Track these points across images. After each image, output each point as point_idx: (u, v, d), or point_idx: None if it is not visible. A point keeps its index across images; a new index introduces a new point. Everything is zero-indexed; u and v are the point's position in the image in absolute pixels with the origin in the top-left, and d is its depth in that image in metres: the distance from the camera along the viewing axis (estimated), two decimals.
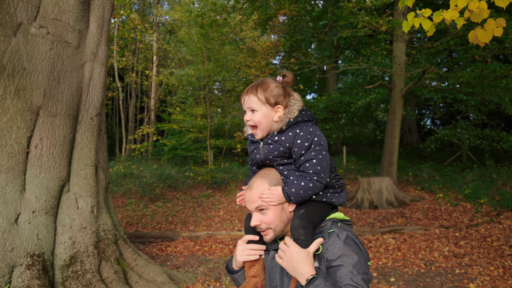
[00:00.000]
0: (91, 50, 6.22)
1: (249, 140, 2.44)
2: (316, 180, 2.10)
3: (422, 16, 3.35)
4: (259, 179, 2.19)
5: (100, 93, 6.32)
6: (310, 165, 2.11)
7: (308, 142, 2.13)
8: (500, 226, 10.07)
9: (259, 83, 2.28)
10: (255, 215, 2.17)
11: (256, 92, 2.23)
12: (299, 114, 2.24)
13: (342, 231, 2.11)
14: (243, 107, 2.28)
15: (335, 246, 2.02)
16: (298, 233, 2.06)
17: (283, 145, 2.17)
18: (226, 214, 12.18)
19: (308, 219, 2.13)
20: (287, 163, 2.21)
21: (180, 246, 9.17)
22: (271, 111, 2.24)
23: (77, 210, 5.76)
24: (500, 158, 18.17)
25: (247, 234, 2.34)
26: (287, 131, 2.19)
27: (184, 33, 20.20)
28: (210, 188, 15.20)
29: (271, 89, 2.24)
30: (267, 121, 2.24)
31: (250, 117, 2.26)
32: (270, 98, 2.22)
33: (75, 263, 5.49)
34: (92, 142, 6.12)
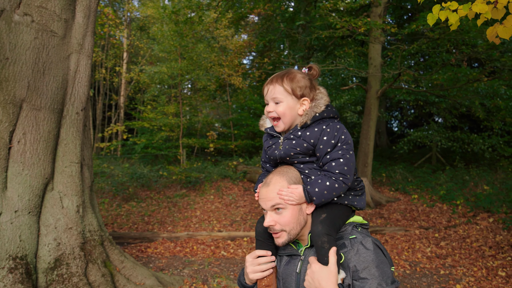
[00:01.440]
0: (77, 41, 5.91)
1: (266, 134, 2.26)
2: (341, 181, 1.94)
3: (448, 9, 3.24)
4: (277, 176, 2.03)
5: (86, 87, 6.01)
6: (337, 164, 1.96)
7: (335, 140, 1.99)
8: (477, 227, 10.20)
9: (284, 73, 2.12)
10: (270, 214, 2.00)
11: (282, 82, 2.07)
12: (325, 109, 2.09)
13: (365, 237, 1.96)
14: (266, 98, 2.12)
15: (361, 255, 1.88)
16: (322, 241, 1.90)
17: (307, 141, 2.02)
18: (203, 215, 11.94)
19: (331, 224, 1.98)
20: (309, 161, 2.05)
21: (160, 247, 8.89)
22: (296, 103, 2.09)
23: (62, 209, 5.43)
24: (469, 160, 18.53)
25: (258, 238, 2.17)
26: (312, 127, 2.04)
27: (156, 29, 19.80)
28: (184, 188, 14.90)
29: (298, 79, 2.09)
30: (292, 114, 2.08)
31: (273, 108, 2.09)
32: (296, 89, 2.07)
33: (61, 266, 5.17)
34: (77, 138, 5.81)
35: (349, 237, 1.98)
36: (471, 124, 19.87)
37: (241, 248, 8.87)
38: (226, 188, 15.15)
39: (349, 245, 1.94)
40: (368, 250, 1.88)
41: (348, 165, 1.96)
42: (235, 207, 12.89)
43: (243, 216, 11.73)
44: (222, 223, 11.00)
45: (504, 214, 10.69)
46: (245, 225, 10.80)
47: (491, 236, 9.57)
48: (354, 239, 1.95)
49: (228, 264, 7.88)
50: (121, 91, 23.59)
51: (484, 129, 18.67)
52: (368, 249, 1.89)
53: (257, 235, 2.18)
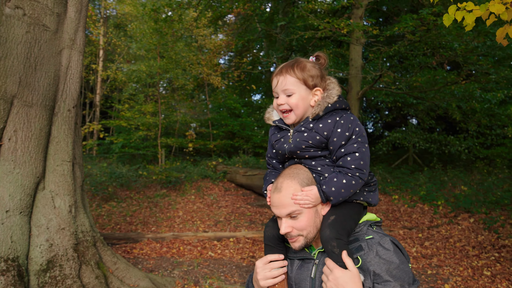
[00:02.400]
0: (69, 36, 5.75)
1: (274, 127, 2.15)
2: (358, 176, 1.86)
3: (465, 9, 3.24)
4: (288, 179, 1.90)
5: (78, 83, 5.85)
6: (352, 159, 1.86)
7: (349, 132, 1.89)
8: (459, 227, 10.36)
9: (294, 62, 2.02)
10: (285, 221, 1.88)
11: (293, 72, 1.97)
12: (337, 100, 2.00)
13: (383, 237, 1.87)
14: (276, 90, 2.01)
15: (381, 257, 1.80)
16: (331, 246, 1.81)
17: (320, 134, 1.92)
18: (186, 215, 11.80)
19: (341, 227, 1.87)
20: (320, 155, 1.95)
21: (146, 248, 8.74)
22: (309, 94, 1.99)
23: (54, 209, 5.27)
24: (445, 161, 18.86)
25: (267, 243, 2.06)
26: (324, 118, 1.95)
27: (135, 27, 19.53)
28: (165, 188, 14.71)
29: (309, 68, 1.99)
30: (305, 105, 1.99)
31: (284, 100, 1.98)
32: (308, 79, 1.97)
33: (54, 268, 5.01)
34: (69, 136, 5.64)
35: (365, 238, 1.90)
36: (446, 126, 20.23)
37: (228, 249, 8.80)
38: (207, 188, 15.03)
39: (366, 247, 1.85)
40: (388, 251, 1.81)
41: (364, 160, 1.88)
42: (217, 207, 12.80)
43: (226, 217, 11.65)
44: (206, 224, 10.90)
45: (484, 214, 10.89)
46: (230, 225, 10.72)
47: (473, 236, 9.73)
48: (371, 240, 1.88)
49: (217, 264, 7.80)
50: (97, 89, 23.18)
51: (460, 131, 19.03)
52: (388, 249, 1.81)
53: (267, 240, 2.08)
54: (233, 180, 15.79)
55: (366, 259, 1.81)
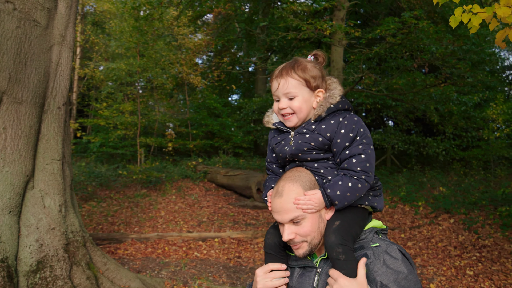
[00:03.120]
0: (60, 32, 5.63)
1: (273, 130, 2.08)
2: (364, 179, 1.79)
3: (471, 12, 3.29)
4: (290, 183, 1.82)
5: (68, 80, 5.74)
6: (358, 161, 1.80)
7: (353, 133, 1.83)
8: (440, 228, 10.53)
9: (293, 63, 1.93)
10: (288, 227, 1.80)
11: (295, 74, 1.89)
12: (340, 101, 1.94)
13: (389, 245, 1.79)
14: (276, 93, 1.93)
15: (388, 267, 1.71)
16: (336, 252, 1.72)
17: (322, 135, 1.85)
18: (168, 215, 11.70)
19: (346, 232, 1.78)
20: (323, 158, 1.88)
21: (130, 248, 8.62)
22: (311, 96, 1.93)
23: (44, 209, 5.15)
24: (422, 162, 19.16)
25: (268, 251, 1.97)
26: (327, 119, 1.88)
27: (114, 25, 19.27)
28: (145, 188, 14.55)
29: (310, 69, 1.91)
30: (308, 108, 1.92)
31: (287, 104, 1.90)
32: (310, 80, 1.90)
33: (44, 269, 4.89)
34: (59, 134, 5.53)
35: (371, 245, 1.81)
36: (424, 128, 20.56)
37: (214, 249, 8.75)
38: (188, 188, 14.93)
39: (372, 255, 1.77)
40: (395, 260, 1.72)
41: (370, 162, 1.82)
42: (199, 208, 12.72)
43: (209, 217, 11.59)
44: (189, 224, 10.82)
45: (463, 215, 11.10)
46: (213, 225, 10.67)
47: (454, 236, 9.90)
48: (378, 248, 1.79)
49: (204, 265, 7.75)
50: (74, 87, 22.80)
51: (437, 133, 19.37)
52: (396, 258, 1.73)
53: (268, 248, 1.99)
54: (213, 180, 15.72)
55: (373, 268, 1.73)
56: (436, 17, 19.81)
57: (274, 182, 2.03)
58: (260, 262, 8.02)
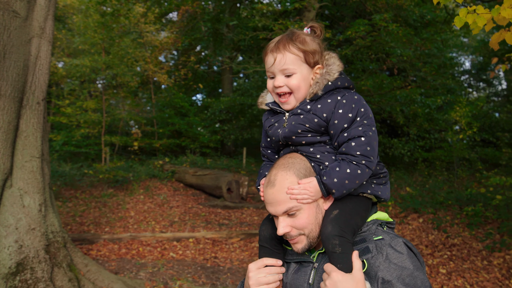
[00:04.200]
0: (39, 25, 5.41)
1: (267, 112, 1.89)
2: (364, 165, 1.62)
3: (475, 12, 3.34)
4: (282, 171, 1.65)
5: (47, 75, 5.52)
6: (357, 144, 1.62)
7: (353, 114, 1.65)
8: (410, 227, 10.73)
9: (290, 36, 1.73)
10: (283, 219, 1.64)
11: (293, 47, 1.69)
12: (339, 77, 1.74)
13: (394, 238, 1.62)
14: (272, 69, 1.72)
15: (391, 262, 1.54)
16: (333, 244, 1.55)
17: (318, 116, 1.67)
18: (138, 215, 11.46)
19: (345, 223, 1.61)
20: (319, 141, 1.71)
21: (103, 249, 8.38)
22: (310, 73, 1.74)
23: (23, 208, 4.92)
24: (388, 163, 19.54)
25: (263, 244, 1.81)
26: (324, 98, 1.70)
27: (78, 20, 18.77)
28: (112, 187, 14.22)
29: (308, 43, 1.72)
30: (306, 87, 1.73)
31: (283, 81, 1.71)
32: (309, 55, 1.71)
33: (24, 271, 4.67)
34: (38, 130, 5.31)
35: (374, 238, 1.64)
36: (389, 129, 20.97)
37: (189, 250, 8.62)
38: (156, 188, 14.70)
39: (374, 249, 1.60)
40: (400, 254, 1.55)
41: (371, 145, 1.64)
42: (168, 208, 12.53)
43: (180, 217, 11.43)
44: (161, 224, 10.63)
45: (432, 214, 11.35)
46: (186, 226, 10.51)
47: (424, 236, 10.11)
48: (381, 241, 1.62)
49: (181, 266, 7.61)
50: None
51: (402, 134, 19.78)
52: (401, 252, 1.56)
53: (262, 241, 1.82)
54: (182, 180, 15.53)
55: (374, 263, 1.57)
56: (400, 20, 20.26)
57: (268, 169, 1.86)
58: (237, 263, 7.96)
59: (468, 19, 3.30)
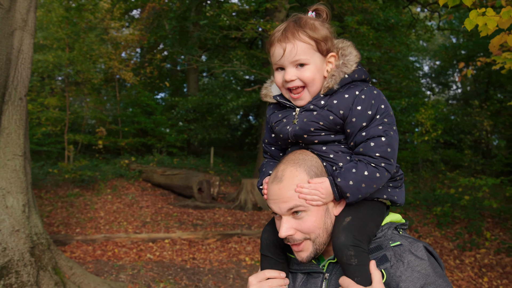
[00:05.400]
0: (22, 17, 5.17)
1: (273, 105, 1.71)
2: (383, 168, 1.47)
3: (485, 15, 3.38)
4: (292, 166, 1.50)
5: (29, 69, 5.30)
6: (377, 145, 1.47)
7: (373, 111, 1.49)
8: None
9: (298, 22, 1.55)
10: (287, 220, 1.48)
11: (304, 35, 1.52)
12: (356, 69, 1.58)
13: (413, 243, 1.49)
14: (280, 62, 1.55)
15: (414, 270, 1.41)
16: (347, 256, 1.41)
17: (334, 112, 1.51)
18: (108, 216, 11.18)
19: (359, 231, 1.46)
20: (333, 140, 1.55)
21: (77, 251, 8.11)
22: (323, 63, 1.57)
23: (6, 209, 4.69)
24: None
25: (265, 253, 1.65)
26: (340, 93, 1.53)
27: (40, 15, 18.14)
28: (77, 187, 13.81)
29: (318, 28, 1.54)
30: (321, 79, 1.57)
31: (295, 74, 1.54)
32: (321, 42, 1.53)
33: (9, 275, 4.45)
34: (20, 127, 5.07)
35: (391, 244, 1.50)
36: None
37: (166, 251, 8.46)
38: (123, 188, 14.38)
39: (393, 257, 1.46)
40: (422, 261, 1.43)
41: (392, 146, 1.49)
42: (138, 208, 12.28)
43: (152, 217, 11.21)
44: (133, 225, 10.40)
45: (403, 214, 11.58)
46: (159, 226, 10.32)
47: None
48: (399, 247, 1.48)
49: (161, 267, 7.45)
50: None
51: None
52: (422, 259, 1.44)
53: (264, 249, 1.66)
54: (149, 180, 15.26)
55: (395, 273, 1.43)
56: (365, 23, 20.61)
57: (272, 167, 1.69)
58: (216, 264, 7.86)
59: (479, 22, 3.35)
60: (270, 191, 1.51)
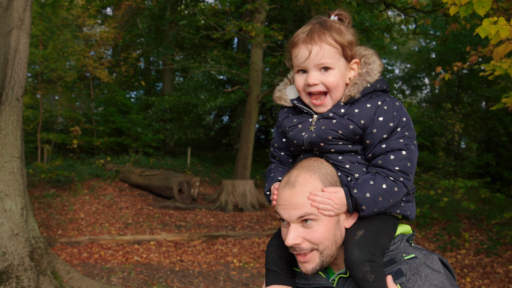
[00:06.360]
0: (18, 15, 5.06)
1: (287, 109, 1.65)
2: (402, 182, 1.43)
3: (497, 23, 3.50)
4: (306, 172, 1.45)
5: (25, 69, 5.18)
6: (397, 158, 1.43)
7: (394, 123, 1.45)
8: None
9: (323, 25, 1.50)
10: (295, 228, 1.41)
11: (330, 38, 1.47)
12: (379, 79, 1.55)
13: (428, 256, 1.45)
14: (304, 64, 1.50)
15: (432, 284, 1.37)
16: (363, 272, 1.35)
17: (355, 122, 1.46)
18: (89, 217, 10.99)
19: (373, 245, 1.41)
20: (350, 150, 1.50)
21: (62, 253, 7.96)
22: (346, 69, 1.53)
23: (5, 212, 4.58)
24: None
25: (270, 268, 1.58)
26: (361, 102, 1.49)
27: None
28: (53, 187, 13.53)
29: (345, 33, 1.51)
30: (343, 85, 1.53)
31: (319, 78, 1.49)
32: (346, 47, 1.50)
33: (9, 280, 4.35)
34: (18, 128, 4.96)
35: (405, 257, 1.45)
36: None
37: (152, 253, 8.38)
38: (100, 188, 14.15)
39: (408, 271, 1.42)
40: (439, 274, 1.39)
41: (412, 161, 1.45)
42: (118, 209, 12.11)
43: (134, 218, 11.09)
44: (115, 226, 10.25)
45: None
46: (142, 228, 10.22)
47: None
48: (414, 260, 1.44)
49: (150, 270, 7.39)
50: None
51: None
52: (439, 271, 1.40)
53: (270, 264, 1.59)
54: (126, 180, 15.06)
55: (412, 287, 1.39)
56: None
57: (281, 173, 1.63)
58: (205, 266, 7.84)
59: (491, 30, 3.46)
60: (281, 196, 1.45)
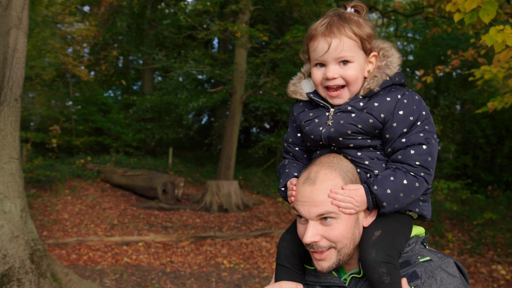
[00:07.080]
0: (17, 15, 4.99)
1: (303, 103, 1.62)
2: (423, 177, 1.40)
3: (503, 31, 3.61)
4: (326, 169, 1.41)
5: (23, 69, 5.11)
6: (417, 153, 1.41)
7: (414, 117, 1.44)
8: None
9: (342, 17, 1.47)
10: (313, 225, 1.39)
11: (350, 31, 1.45)
12: (398, 73, 1.53)
13: (443, 259, 1.42)
14: (324, 57, 1.47)
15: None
16: (379, 273, 1.33)
17: (375, 116, 1.44)
18: (73, 218, 10.85)
19: (390, 246, 1.39)
20: (369, 145, 1.48)
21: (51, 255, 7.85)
22: (365, 62, 1.51)
23: (4, 214, 4.52)
24: None
25: (282, 263, 1.55)
26: (380, 95, 1.47)
27: None
28: (34, 187, 13.30)
29: (363, 25, 1.48)
30: (362, 78, 1.51)
31: (338, 72, 1.46)
32: (366, 40, 1.48)
33: (10, 283, 4.29)
34: (16, 129, 4.90)
35: (420, 260, 1.43)
36: None
37: (141, 254, 8.34)
38: (82, 188, 13.96)
39: (423, 274, 1.39)
40: (454, 278, 1.37)
41: (433, 155, 1.42)
42: (101, 210, 11.98)
43: (119, 219, 10.99)
44: (101, 227, 10.15)
45: None
46: (128, 229, 10.14)
47: None
48: (429, 263, 1.41)
49: (141, 271, 7.36)
50: None
51: None
52: (454, 276, 1.38)
53: (282, 259, 1.56)
54: (108, 180, 14.89)
55: None
56: None
57: (296, 169, 1.60)
58: (196, 267, 7.85)
59: (498, 38, 3.58)
60: (301, 192, 1.41)
